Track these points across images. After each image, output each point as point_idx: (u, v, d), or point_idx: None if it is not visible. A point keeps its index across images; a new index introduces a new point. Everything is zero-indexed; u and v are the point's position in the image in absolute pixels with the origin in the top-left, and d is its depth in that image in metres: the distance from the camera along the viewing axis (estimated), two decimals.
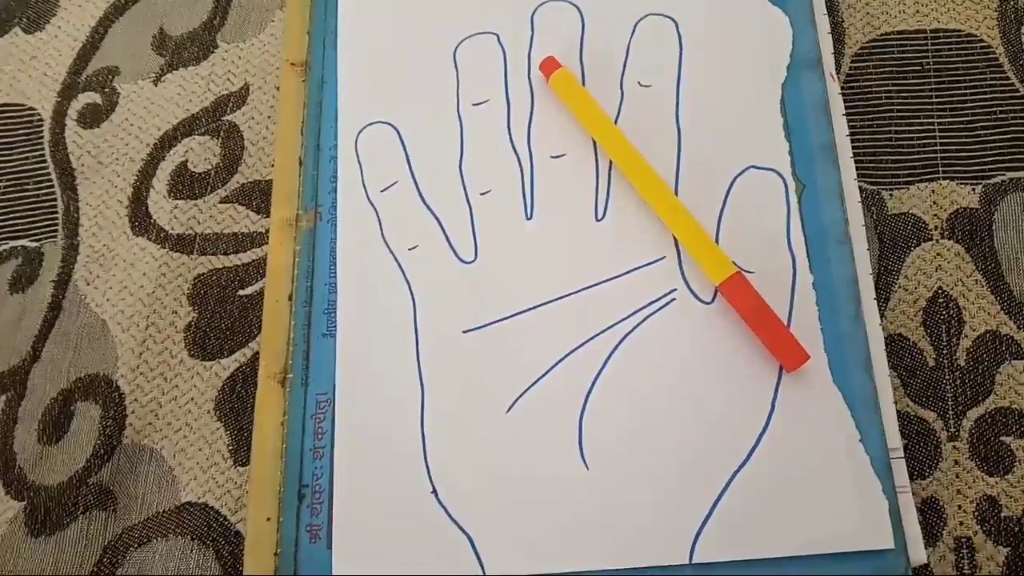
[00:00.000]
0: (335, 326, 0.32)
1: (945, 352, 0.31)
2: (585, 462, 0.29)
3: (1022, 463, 0.29)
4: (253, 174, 0.37)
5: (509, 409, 0.30)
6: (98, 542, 0.32)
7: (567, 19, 0.35)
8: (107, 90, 0.40)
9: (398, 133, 0.34)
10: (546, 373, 0.30)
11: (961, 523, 0.29)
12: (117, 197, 0.38)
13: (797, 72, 0.33)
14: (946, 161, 0.33)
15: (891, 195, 0.33)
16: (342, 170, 0.34)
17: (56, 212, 0.38)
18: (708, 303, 0.30)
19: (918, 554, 0.27)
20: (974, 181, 0.33)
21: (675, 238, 0.31)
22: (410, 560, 0.28)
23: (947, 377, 0.31)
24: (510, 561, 0.28)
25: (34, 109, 0.40)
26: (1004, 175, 0.33)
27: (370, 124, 0.35)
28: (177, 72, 0.40)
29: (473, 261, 0.32)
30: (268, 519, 0.30)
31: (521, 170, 0.33)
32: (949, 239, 0.32)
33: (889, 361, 0.30)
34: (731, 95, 0.33)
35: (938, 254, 0.32)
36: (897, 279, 0.32)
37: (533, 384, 0.30)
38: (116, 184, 0.38)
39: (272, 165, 0.37)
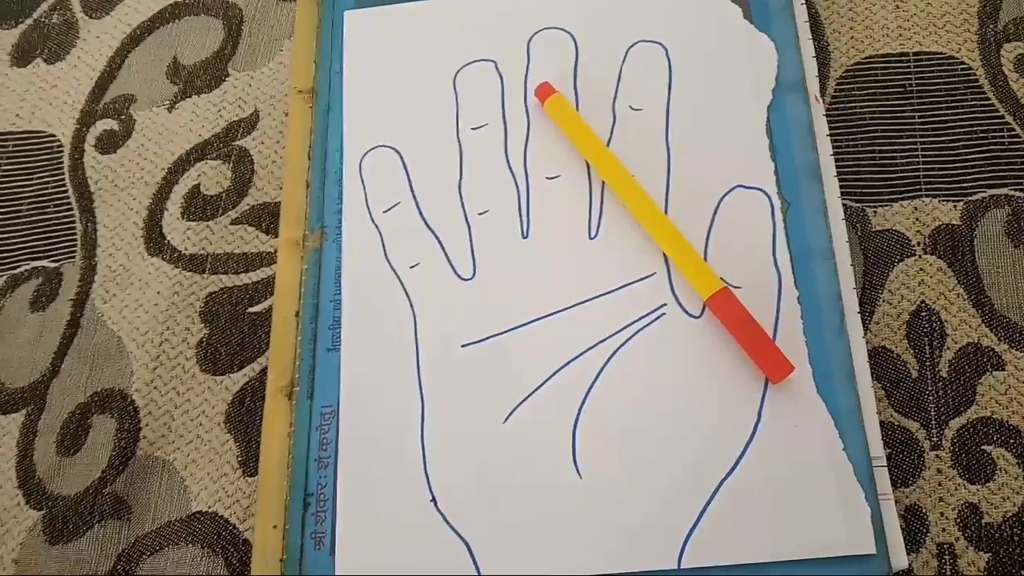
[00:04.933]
0: (340, 341, 0.33)
1: (928, 364, 0.32)
2: (578, 470, 0.30)
3: (1003, 471, 0.30)
4: (262, 196, 0.39)
5: (506, 420, 0.31)
6: (113, 550, 0.33)
7: (561, 47, 0.36)
8: (124, 117, 0.42)
9: (400, 156, 0.36)
10: (541, 385, 0.31)
11: (943, 530, 0.30)
12: (133, 219, 0.39)
13: (782, 95, 0.34)
14: (928, 179, 0.34)
15: (875, 212, 0.34)
16: (347, 192, 0.35)
17: (75, 234, 0.40)
18: (697, 317, 0.31)
19: (899, 559, 0.28)
20: (955, 198, 0.34)
21: (665, 255, 0.32)
22: (410, 565, 0.29)
23: (930, 388, 0.31)
24: (505, 565, 0.29)
25: (54, 136, 0.42)
26: (985, 192, 0.34)
27: (374, 148, 0.36)
28: (190, 99, 0.41)
29: (471, 278, 0.33)
30: (275, 527, 0.31)
31: (518, 191, 0.34)
32: (932, 254, 0.33)
33: (873, 373, 0.31)
34: (718, 117, 0.34)
35: (921, 269, 0.33)
36: (881, 293, 0.33)
37: (529, 396, 0.31)
38: (132, 207, 0.40)
39: (280, 188, 0.38)
